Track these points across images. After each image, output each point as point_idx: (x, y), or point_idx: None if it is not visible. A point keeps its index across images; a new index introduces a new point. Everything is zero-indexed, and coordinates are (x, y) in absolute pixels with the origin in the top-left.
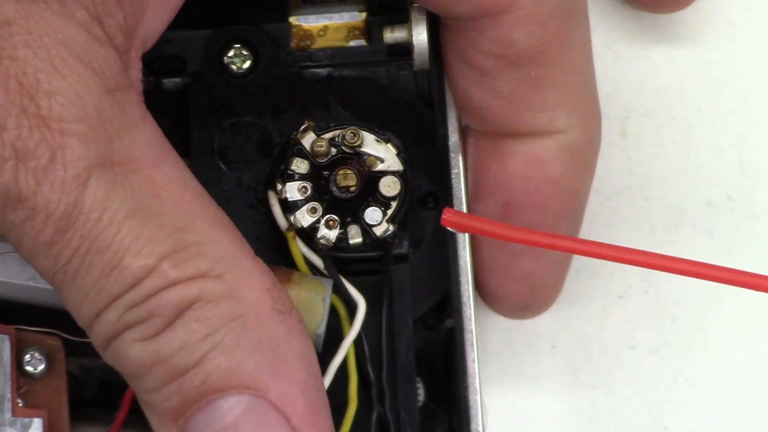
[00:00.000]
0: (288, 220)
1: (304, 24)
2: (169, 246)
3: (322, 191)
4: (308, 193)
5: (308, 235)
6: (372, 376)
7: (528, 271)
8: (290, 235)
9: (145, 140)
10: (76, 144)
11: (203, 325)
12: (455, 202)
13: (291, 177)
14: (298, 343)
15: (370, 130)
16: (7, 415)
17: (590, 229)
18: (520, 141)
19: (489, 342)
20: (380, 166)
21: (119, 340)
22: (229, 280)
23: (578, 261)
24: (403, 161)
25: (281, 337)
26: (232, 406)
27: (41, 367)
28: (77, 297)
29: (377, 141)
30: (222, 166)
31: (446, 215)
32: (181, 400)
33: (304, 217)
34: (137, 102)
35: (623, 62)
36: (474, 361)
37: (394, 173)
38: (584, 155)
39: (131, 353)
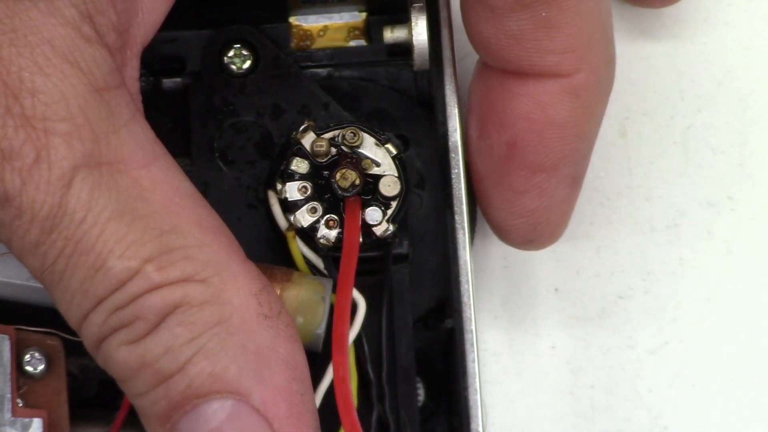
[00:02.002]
0: (288, 220)
1: (304, 24)
2: (153, 249)
3: (322, 191)
4: (308, 193)
5: (308, 235)
6: (372, 376)
7: (531, 209)
8: (290, 235)
9: (134, 141)
10: (60, 144)
11: (187, 329)
12: (455, 202)
13: (291, 177)
14: (284, 348)
15: (370, 130)
16: (7, 415)
17: (590, 229)
18: (526, 81)
19: (489, 342)
20: (375, 170)
21: (107, 343)
22: (215, 284)
23: (578, 261)
24: (401, 163)
25: (266, 342)
26: (216, 411)
27: (41, 367)
28: (65, 298)
29: (376, 144)
30: (222, 166)
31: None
32: (168, 404)
33: (304, 217)
34: (127, 102)
35: (623, 62)
36: (474, 361)
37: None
38: (590, 99)
39: (118, 356)
